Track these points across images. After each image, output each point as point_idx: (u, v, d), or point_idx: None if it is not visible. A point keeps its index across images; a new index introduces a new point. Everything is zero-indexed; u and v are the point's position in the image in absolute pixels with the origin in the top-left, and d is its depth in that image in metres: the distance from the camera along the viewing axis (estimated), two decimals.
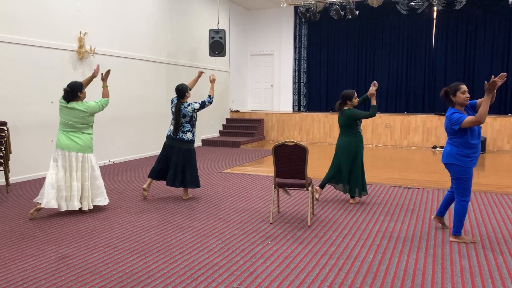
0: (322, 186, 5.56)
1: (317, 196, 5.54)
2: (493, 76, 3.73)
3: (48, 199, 4.62)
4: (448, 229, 4.32)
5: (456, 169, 3.87)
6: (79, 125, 4.82)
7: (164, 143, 5.63)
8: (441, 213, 4.37)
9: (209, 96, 5.55)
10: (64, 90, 4.78)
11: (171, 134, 5.53)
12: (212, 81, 5.62)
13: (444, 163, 4.00)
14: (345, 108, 5.29)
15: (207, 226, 4.47)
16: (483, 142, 10.06)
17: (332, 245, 3.90)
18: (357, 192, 5.34)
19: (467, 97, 3.83)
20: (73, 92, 4.78)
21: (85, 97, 4.93)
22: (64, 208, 4.74)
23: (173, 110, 5.49)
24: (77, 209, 4.82)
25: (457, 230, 3.96)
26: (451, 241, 3.97)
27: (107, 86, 5.15)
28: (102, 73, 5.17)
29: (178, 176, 5.45)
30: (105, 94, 5.09)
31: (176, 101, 5.50)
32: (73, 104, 4.77)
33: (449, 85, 3.92)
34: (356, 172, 5.30)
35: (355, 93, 5.36)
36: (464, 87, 3.83)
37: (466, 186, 3.89)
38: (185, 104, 5.46)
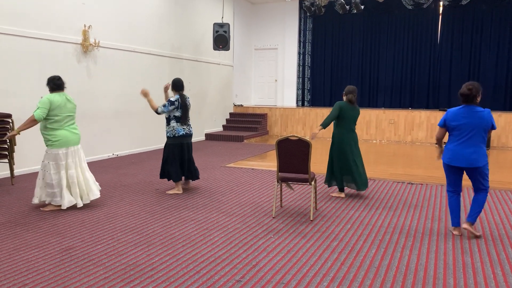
0: (341, 189, 5.50)
1: (342, 196, 5.49)
2: None
3: (67, 198, 4.68)
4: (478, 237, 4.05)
5: (487, 166, 3.89)
6: (75, 115, 4.90)
7: (176, 144, 5.48)
8: (472, 218, 3.97)
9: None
10: (58, 77, 4.79)
11: (188, 132, 5.52)
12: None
13: (480, 166, 3.81)
14: None
15: (210, 219, 4.48)
16: (488, 139, 10.01)
17: (335, 240, 3.91)
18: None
19: None
20: (62, 82, 4.83)
21: None
22: (80, 204, 4.77)
23: (187, 104, 5.48)
24: (99, 195, 4.91)
25: (475, 218, 3.95)
26: (464, 228, 3.97)
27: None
28: None
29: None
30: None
31: (180, 96, 5.47)
32: (68, 95, 4.84)
33: (472, 84, 3.82)
34: (362, 165, 5.41)
35: None
36: None
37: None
38: (187, 97, 5.57)
